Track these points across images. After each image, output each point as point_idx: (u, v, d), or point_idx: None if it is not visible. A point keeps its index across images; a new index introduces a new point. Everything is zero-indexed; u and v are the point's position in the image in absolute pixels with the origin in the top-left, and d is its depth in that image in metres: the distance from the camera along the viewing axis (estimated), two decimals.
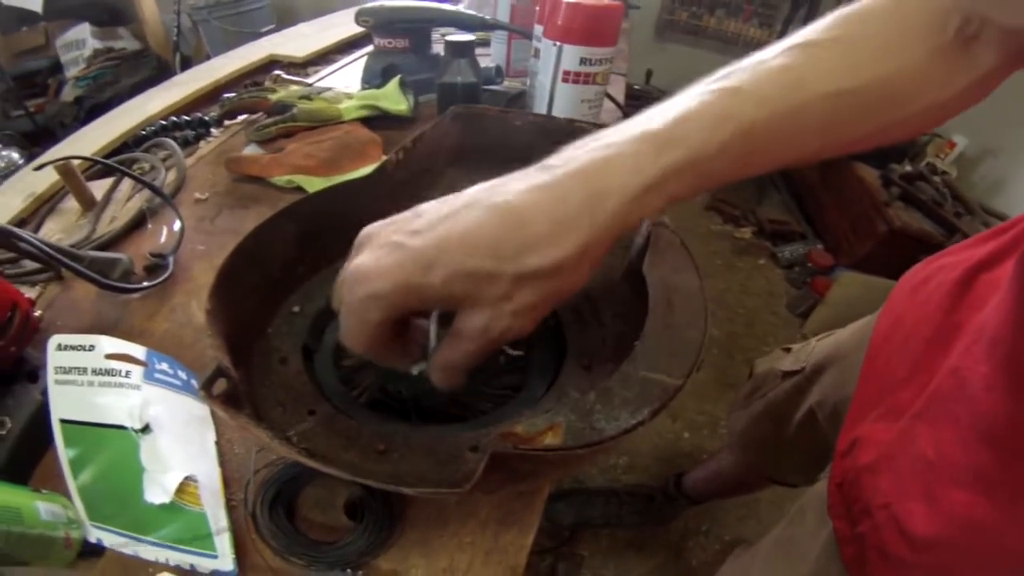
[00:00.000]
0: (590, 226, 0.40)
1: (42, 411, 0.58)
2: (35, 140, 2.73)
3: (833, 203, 2.98)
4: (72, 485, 0.54)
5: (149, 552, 0.52)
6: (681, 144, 0.40)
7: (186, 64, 2.62)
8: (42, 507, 0.50)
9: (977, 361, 0.54)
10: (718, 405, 2.13)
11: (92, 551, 0.53)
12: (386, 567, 0.52)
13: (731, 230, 3.17)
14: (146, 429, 0.55)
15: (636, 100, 3.15)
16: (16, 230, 0.68)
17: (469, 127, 0.80)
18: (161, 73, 2.80)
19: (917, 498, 0.56)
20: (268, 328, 0.63)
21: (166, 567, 0.52)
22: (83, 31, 2.95)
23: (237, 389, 0.48)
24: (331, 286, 0.47)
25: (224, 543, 0.52)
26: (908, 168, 2.74)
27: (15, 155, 2.47)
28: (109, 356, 0.57)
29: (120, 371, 0.57)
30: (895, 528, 0.57)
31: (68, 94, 2.88)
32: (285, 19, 2.82)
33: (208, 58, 1.77)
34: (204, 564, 0.52)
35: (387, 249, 0.41)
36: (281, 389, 0.57)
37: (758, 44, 2.85)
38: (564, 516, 1.75)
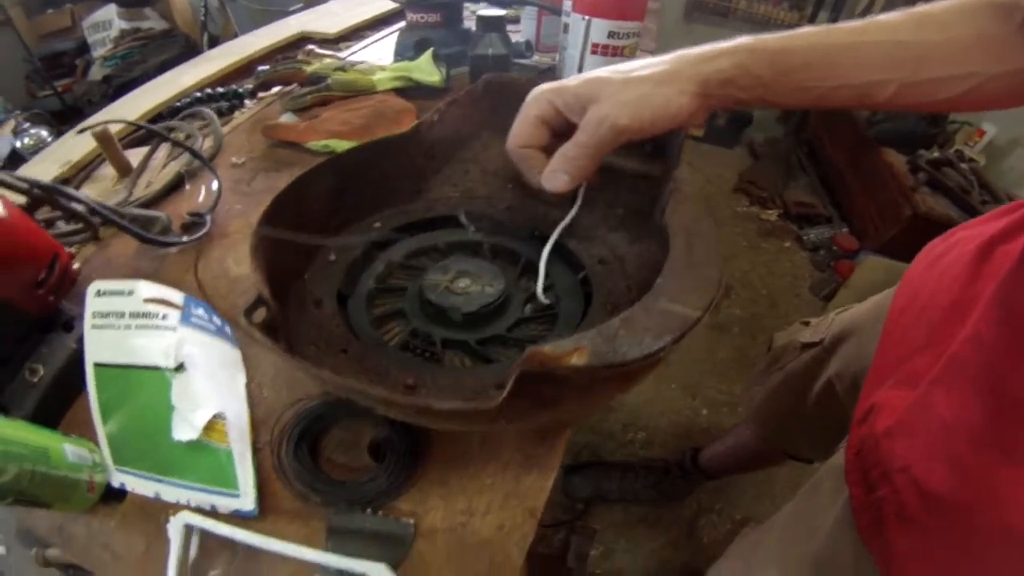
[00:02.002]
0: (674, 63, 0.52)
1: (75, 359, 0.60)
2: (63, 119, 2.76)
3: (860, 187, 2.95)
4: (100, 429, 0.57)
5: (171, 494, 0.54)
6: (755, 44, 0.51)
7: (214, 44, 2.62)
8: (69, 449, 0.52)
9: (994, 326, 0.55)
10: (737, 384, 2.13)
11: (114, 496, 0.55)
12: (405, 507, 0.54)
13: (757, 212, 3.15)
14: (180, 368, 0.56)
15: None
16: (60, 186, 0.70)
17: (500, 95, 0.81)
18: (189, 52, 2.82)
19: (936, 460, 0.56)
20: (304, 274, 0.65)
21: (187, 508, 0.53)
22: (109, 12, 2.97)
23: (275, 319, 0.51)
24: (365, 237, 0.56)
25: (247, 482, 0.54)
26: (936, 154, 2.71)
27: (44, 133, 2.50)
28: (147, 300, 0.58)
29: (157, 314, 0.58)
30: (914, 490, 0.57)
31: (96, 73, 2.91)
32: None
33: (236, 37, 1.78)
34: (225, 504, 0.53)
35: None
36: (315, 329, 0.60)
37: (788, 27, 2.85)
38: (581, 489, 1.76)
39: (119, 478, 0.55)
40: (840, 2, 3.27)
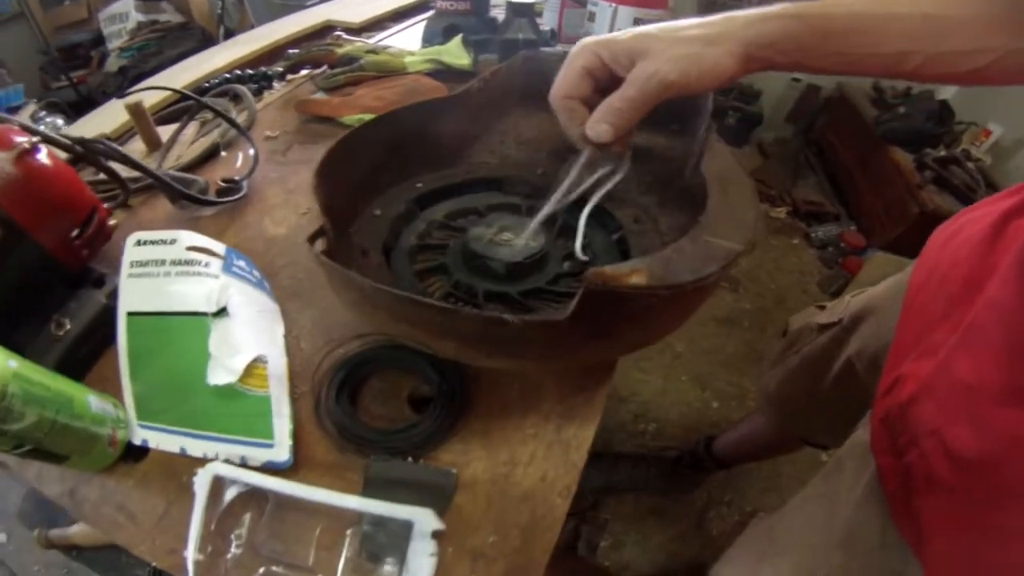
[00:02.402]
0: (723, 25, 0.54)
1: (104, 314, 0.61)
2: (79, 110, 2.78)
3: (868, 185, 2.98)
4: (127, 382, 0.57)
5: (198, 448, 0.54)
6: (800, 10, 0.53)
7: (230, 36, 2.66)
8: (94, 401, 0.51)
9: (1009, 285, 0.56)
10: (746, 377, 2.14)
11: (135, 454, 0.55)
12: (446, 458, 0.55)
13: (766, 210, 3.18)
14: (222, 312, 0.57)
15: None
16: (105, 141, 0.72)
17: (535, 70, 0.84)
18: (205, 45, 2.84)
19: (961, 422, 0.57)
20: (350, 228, 0.68)
21: (214, 461, 0.53)
22: (126, 4, 2.99)
23: (335, 248, 0.54)
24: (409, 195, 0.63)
25: (283, 432, 0.54)
26: (943, 153, 2.73)
27: (59, 121, 2.51)
28: (190, 248, 0.60)
29: (200, 261, 0.59)
30: (942, 452, 0.58)
31: (112, 64, 2.94)
32: None
33: (252, 29, 1.81)
34: (257, 455, 0.53)
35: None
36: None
37: None
38: (592, 480, 1.75)
39: (141, 434, 0.55)
40: None
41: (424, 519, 0.48)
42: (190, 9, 3.06)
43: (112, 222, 0.72)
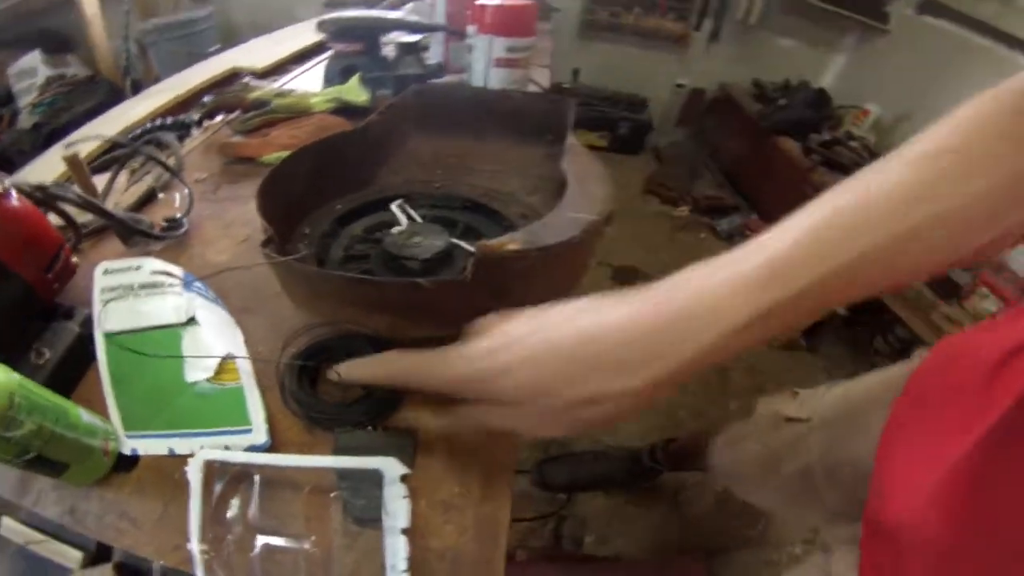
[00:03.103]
0: (678, 356, 0.41)
1: (78, 342, 0.66)
2: None
3: (761, 175, 3.23)
4: (111, 398, 0.62)
5: (184, 445, 0.58)
6: (800, 271, 0.40)
7: (137, 88, 2.69)
8: (84, 414, 0.55)
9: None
10: None
11: (126, 464, 0.58)
12: (401, 425, 0.63)
13: (669, 210, 3.38)
14: (191, 321, 0.67)
15: (562, 95, 3.32)
16: (63, 184, 0.80)
17: (426, 100, 1.00)
18: (113, 97, 2.85)
19: None
20: (286, 244, 0.78)
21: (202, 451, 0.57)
22: (34, 59, 2.97)
23: (282, 250, 0.66)
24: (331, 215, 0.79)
25: (259, 416, 0.61)
26: (826, 136, 2.98)
27: None
28: (154, 272, 0.70)
29: (164, 282, 0.70)
30: None
31: (25, 121, 2.91)
32: (228, 39, 2.93)
33: (158, 80, 1.87)
34: (239, 441, 0.58)
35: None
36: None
37: (675, 37, 2.99)
38: (556, 477, 1.79)
39: (130, 444, 0.59)
40: (721, 11, 3.56)
41: (390, 466, 0.55)
42: (96, 61, 3.07)
43: (74, 258, 0.78)
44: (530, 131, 0.81)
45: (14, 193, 0.67)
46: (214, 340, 0.68)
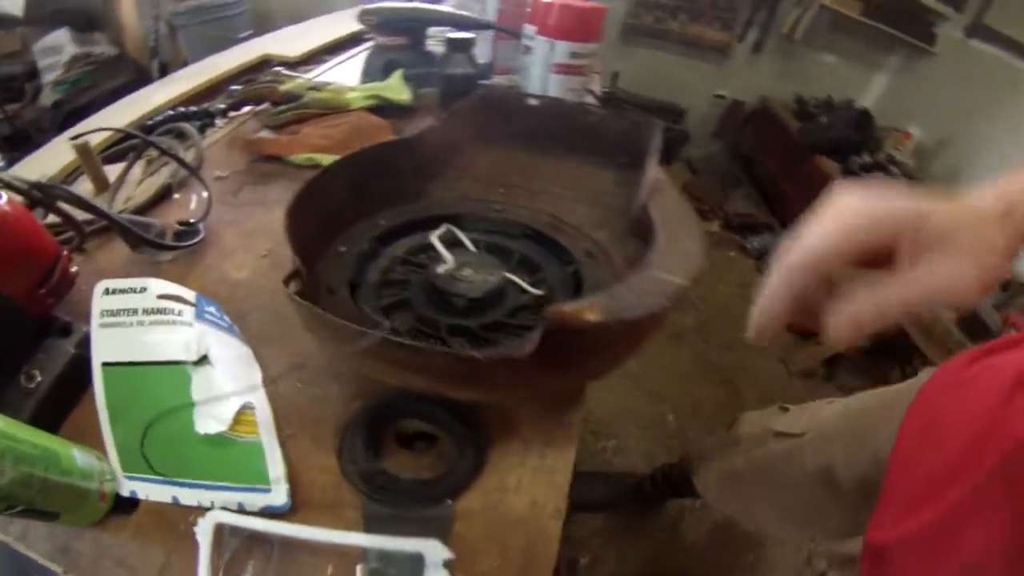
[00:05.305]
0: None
1: (75, 363, 0.59)
2: (15, 145, 2.71)
3: (797, 194, 3.09)
4: (108, 434, 0.55)
5: (191, 497, 0.52)
6: None
7: (164, 70, 2.63)
8: (78, 455, 0.50)
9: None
10: (700, 387, 2.22)
11: (125, 506, 0.53)
12: (476, 504, 0.56)
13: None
14: (202, 360, 0.57)
15: (603, 101, 3.24)
16: (60, 185, 0.71)
17: (491, 108, 0.89)
18: (139, 79, 2.80)
19: None
20: (316, 265, 0.69)
21: (214, 509, 0.51)
22: (61, 36, 2.92)
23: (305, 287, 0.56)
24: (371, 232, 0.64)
25: (279, 475, 0.53)
26: (868, 159, 2.85)
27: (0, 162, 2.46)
28: (161, 296, 0.59)
29: (173, 310, 0.59)
30: None
31: (47, 98, 2.86)
32: (261, 25, 2.86)
33: (186, 64, 1.80)
34: (254, 501, 0.52)
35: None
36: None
37: (718, 46, 2.94)
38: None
39: (129, 486, 0.53)
40: (769, 21, 3.44)
41: (434, 550, 0.49)
42: (124, 41, 3.01)
43: (73, 268, 0.70)
44: (603, 152, 0.70)
45: (4, 197, 0.59)
46: (228, 384, 0.58)
